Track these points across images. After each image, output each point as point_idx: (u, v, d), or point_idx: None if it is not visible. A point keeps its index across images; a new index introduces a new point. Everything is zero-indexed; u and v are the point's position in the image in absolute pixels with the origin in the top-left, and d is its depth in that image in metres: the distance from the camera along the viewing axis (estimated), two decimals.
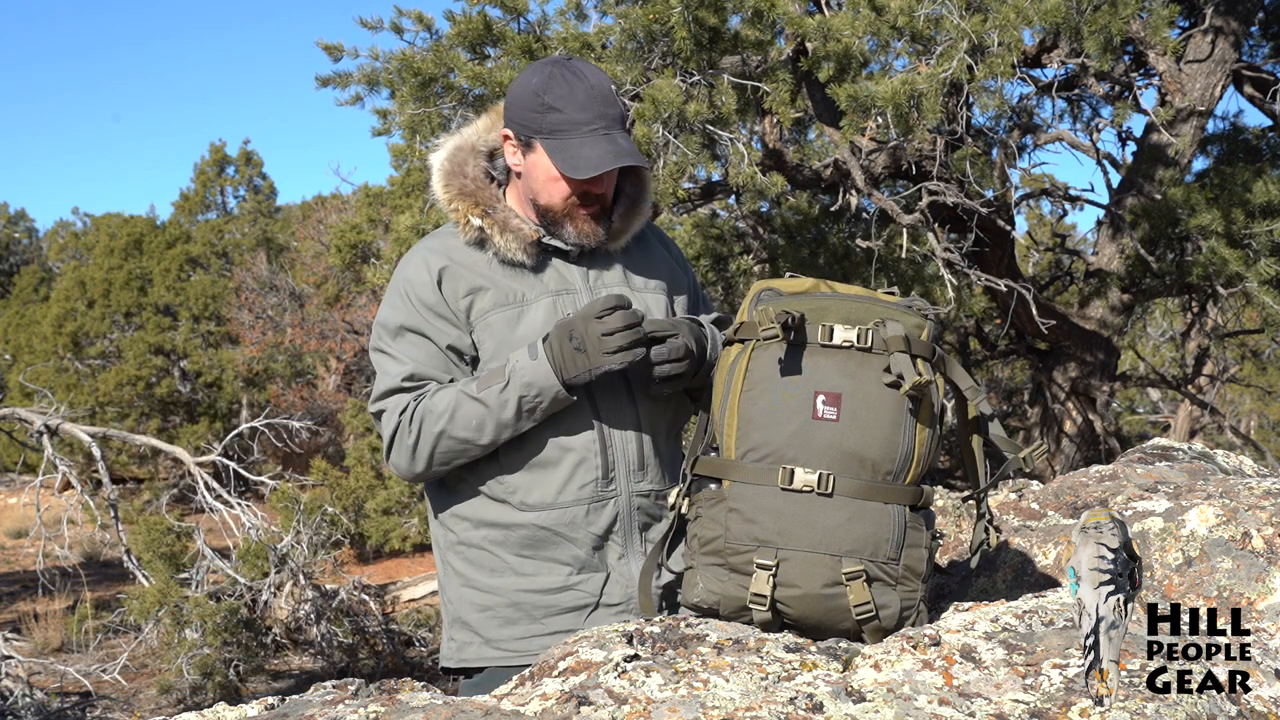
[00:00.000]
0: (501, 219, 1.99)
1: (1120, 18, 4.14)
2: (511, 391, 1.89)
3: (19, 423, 7.75)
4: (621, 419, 1.99)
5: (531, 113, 1.94)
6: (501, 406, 1.90)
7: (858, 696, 1.46)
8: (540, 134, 1.93)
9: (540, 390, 1.89)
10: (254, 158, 24.15)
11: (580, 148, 1.91)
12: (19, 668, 6.53)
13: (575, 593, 1.99)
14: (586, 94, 1.92)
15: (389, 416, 1.96)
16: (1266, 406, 14.63)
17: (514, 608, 1.99)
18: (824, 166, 5.60)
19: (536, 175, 1.97)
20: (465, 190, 2.01)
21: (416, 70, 4.84)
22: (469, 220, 2.00)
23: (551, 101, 1.92)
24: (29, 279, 23.58)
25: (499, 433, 1.92)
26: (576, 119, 1.91)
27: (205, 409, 16.35)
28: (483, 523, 2.01)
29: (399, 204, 11.04)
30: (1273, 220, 5.34)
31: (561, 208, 1.98)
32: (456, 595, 2.04)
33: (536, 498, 1.97)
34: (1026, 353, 7.04)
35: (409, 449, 1.94)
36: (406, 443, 1.94)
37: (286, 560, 7.46)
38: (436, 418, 1.92)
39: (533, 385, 1.89)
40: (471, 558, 2.02)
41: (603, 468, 1.98)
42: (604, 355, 1.86)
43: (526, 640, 1.97)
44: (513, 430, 1.93)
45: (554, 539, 1.98)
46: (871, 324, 1.73)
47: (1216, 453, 2.73)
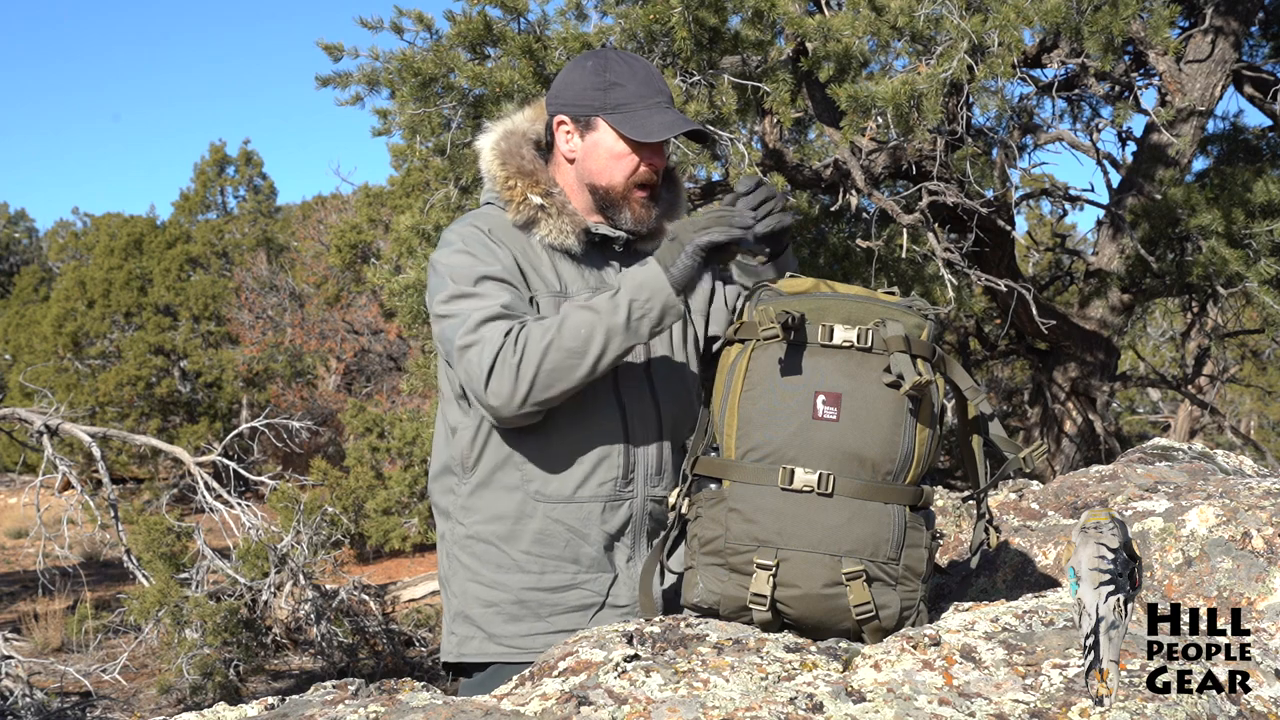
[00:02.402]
0: (560, 201, 2.01)
1: (1121, 18, 4.14)
2: (623, 295, 1.84)
3: (19, 423, 7.75)
4: (646, 423, 2.00)
5: (594, 91, 1.98)
6: (613, 310, 1.83)
7: (858, 696, 1.47)
8: (604, 111, 1.98)
9: (651, 293, 1.83)
10: (254, 158, 24.19)
11: (648, 117, 1.97)
12: (19, 668, 6.53)
13: (582, 591, 1.98)
14: (646, 71, 2.02)
15: (488, 343, 1.86)
16: (1266, 406, 14.63)
17: (519, 604, 1.98)
18: (824, 166, 5.59)
19: (598, 154, 2.00)
20: (524, 169, 2.02)
21: (416, 70, 4.84)
22: (527, 198, 2.00)
23: (614, 79, 1.98)
24: (29, 279, 23.60)
25: (607, 343, 1.83)
26: (640, 93, 1.98)
27: (205, 409, 16.36)
28: (494, 516, 1.99)
29: (399, 204, 11.05)
30: (1273, 220, 5.34)
31: (622, 187, 2.00)
32: (461, 590, 2.03)
33: (554, 490, 1.97)
34: (1026, 353, 7.05)
35: (513, 369, 1.84)
36: (510, 362, 1.84)
37: (286, 560, 7.47)
38: (544, 331, 1.85)
39: (644, 287, 1.83)
40: (479, 552, 2.01)
41: (624, 468, 1.98)
42: (697, 231, 1.83)
43: (530, 637, 1.97)
44: (621, 345, 1.84)
45: (565, 534, 1.97)
46: (871, 324, 1.73)
47: (1216, 453, 2.73)
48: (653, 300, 1.83)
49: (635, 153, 1.99)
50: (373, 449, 11.97)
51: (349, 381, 16.14)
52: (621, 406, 1.98)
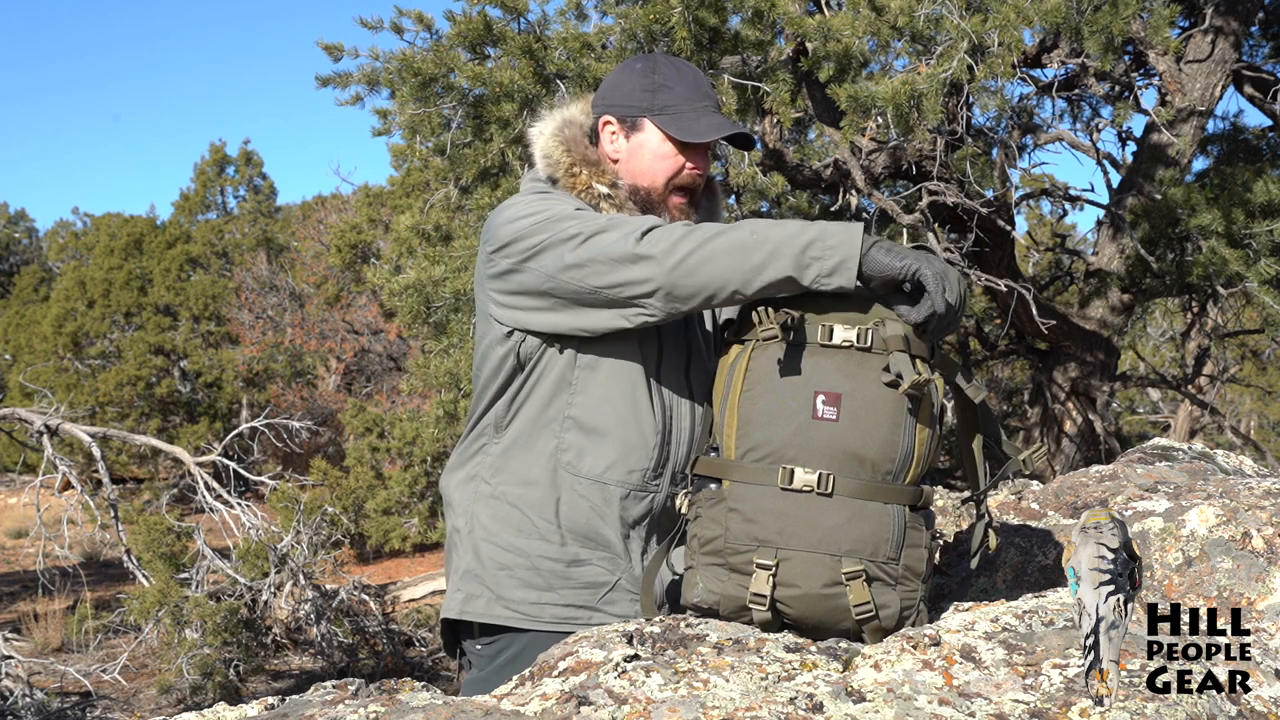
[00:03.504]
0: (622, 197, 2.02)
1: (1121, 18, 4.14)
2: (814, 229, 1.73)
3: (19, 423, 7.75)
4: (681, 421, 2.00)
5: (642, 92, 2.01)
6: (797, 232, 1.73)
7: (858, 696, 1.47)
8: (650, 112, 2.01)
9: (839, 243, 1.71)
10: (254, 158, 24.19)
11: (695, 119, 1.99)
12: (19, 668, 6.53)
13: (596, 569, 1.97)
14: (694, 76, 2.04)
15: (637, 223, 1.83)
16: (1266, 406, 14.64)
17: (533, 571, 1.97)
18: (824, 166, 5.59)
19: (642, 155, 2.02)
20: (589, 159, 2.03)
21: (416, 70, 4.84)
22: (592, 186, 2.01)
23: (663, 81, 2.01)
24: (29, 279, 23.60)
25: (771, 257, 1.72)
26: (689, 95, 2.01)
27: (205, 409, 16.36)
28: (523, 480, 1.98)
29: (399, 204, 11.06)
30: (1273, 220, 5.34)
31: (663, 190, 2.02)
32: (474, 547, 2.01)
33: (586, 466, 1.96)
34: (1026, 353, 7.04)
35: (674, 235, 1.79)
36: (671, 231, 1.80)
37: (286, 560, 7.47)
38: (722, 226, 1.81)
39: (836, 235, 1.72)
40: (501, 514, 1.99)
41: (657, 461, 1.97)
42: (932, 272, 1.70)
43: (539, 606, 1.95)
44: (780, 271, 1.72)
45: (588, 511, 1.96)
46: (871, 324, 1.73)
47: (1216, 453, 2.73)
48: (837, 250, 1.71)
49: (680, 154, 2.00)
50: (373, 449, 11.97)
51: (349, 381, 16.15)
52: (663, 399, 1.98)
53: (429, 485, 11.18)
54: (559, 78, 4.64)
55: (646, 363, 1.96)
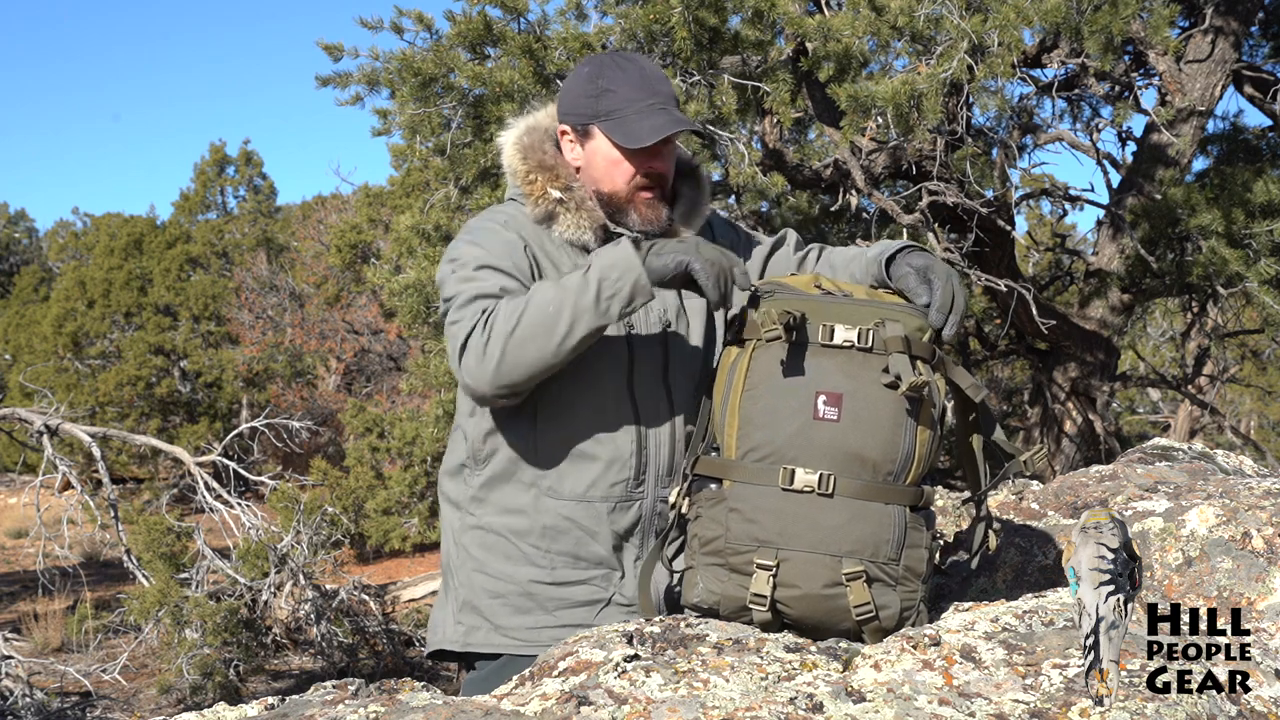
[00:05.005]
0: (579, 197, 1.99)
1: (1120, 18, 4.15)
2: (593, 274, 1.78)
3: (19, 423, 7.74)
4: (659, 425, 1.99)
5: (587, 99, 1.97)
6: (582, 289, 1.77)
7: (858, 696, 1.47)
8: (597, 118, 1.96)
9: (621, 272, 1.77)
10: (254, 158, 24.17)
11: (638, 122, 1.93)
12: (19, 668, 6.52)
13: (589, 587, 1.98)
14: (639, 75, 1.97)
15: (465, 322, 1.87)
16: (1266, 406, 14.63)
17: (527, 597, 1.98)
18: (824, 166, 5.60)
19: (597, 163, 1.99)
20: (546, 164, 2.01)
21: (416, 70, 4.84)
22: (547, 192, 1.99)
23: (606, 85, 1.96)
24: (29, 279, 23.59)
25: (574, 322, 1.77)
26: (632, 97, 1.94)
27: (205, 409, 16.35)
28: (505, 509, 1.99)
29: (399, 204, 11.05)
30: (1273, 220, 5.34)
31: (625, 192, 1.98)
32: (467, 579, 2.02)
33: (567, 488, 1.96)
34: (1026, 353, 7.04)
35: (482, 347, 1.82)
36: (479, 341, 1.83)
37: (286, 560, 7.46)
38: (513, 310, 1.82)
39: (615, 265, 1.77)
40: (488, 543, 2.00)
41: (636, 469, 1.97)
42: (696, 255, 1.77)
43: (537, 630, 1.97)
44: (589, 326, 1.78)
45: (575, 532, 1.97)
46: (872, 324, 1.73)
47: (1216, 453, 2.73)
48: (623, 280, 1.77)
49: (630, 159, 1.96)
50: (373, 449, 11.96)
51: (349, 381, 16.14)
52: (636, 407, 1.97)
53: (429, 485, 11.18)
54: (559, 78, 4.64)
55: (615, 377, 1.96)
